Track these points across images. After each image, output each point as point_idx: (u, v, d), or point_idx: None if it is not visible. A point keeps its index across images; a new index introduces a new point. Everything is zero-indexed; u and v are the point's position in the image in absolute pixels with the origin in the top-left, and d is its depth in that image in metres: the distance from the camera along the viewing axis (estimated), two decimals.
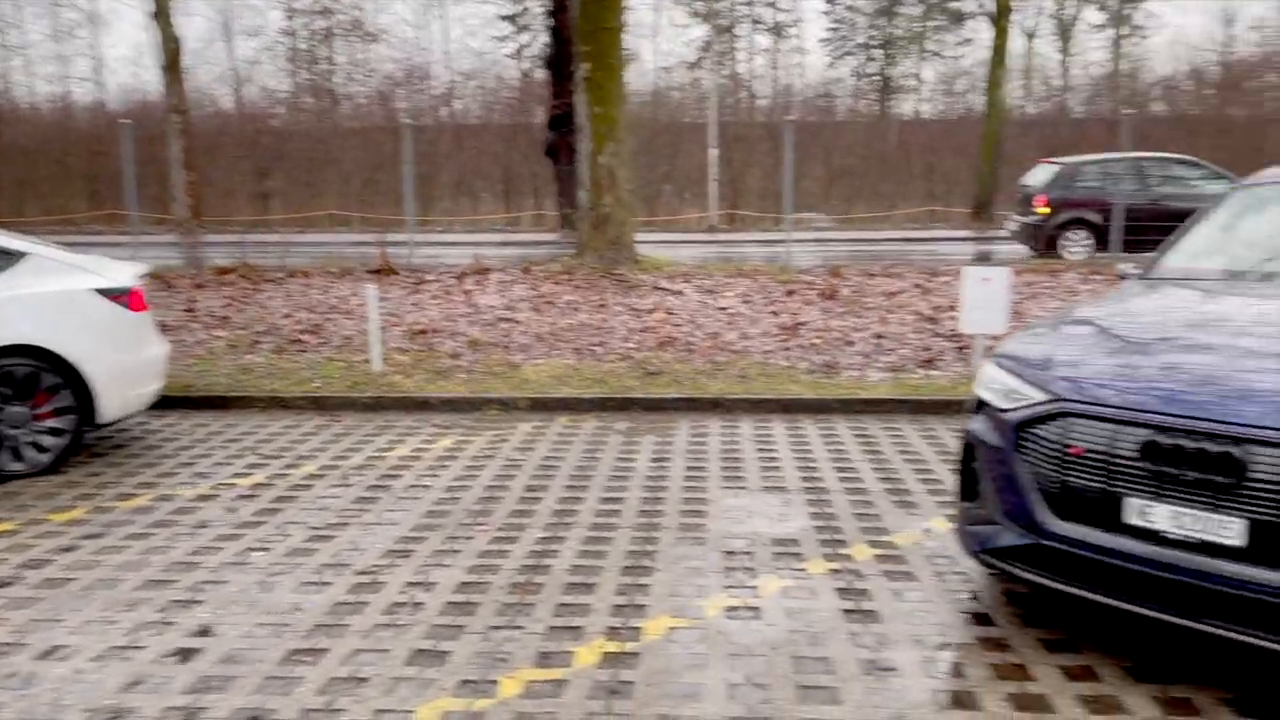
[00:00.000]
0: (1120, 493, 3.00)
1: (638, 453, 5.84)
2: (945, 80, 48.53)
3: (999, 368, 3.56)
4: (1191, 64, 39.85)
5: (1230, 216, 4.47)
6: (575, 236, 12.46)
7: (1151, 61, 45.60)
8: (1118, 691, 3.04)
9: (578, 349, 8.18)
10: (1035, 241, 15.42)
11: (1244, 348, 3.17)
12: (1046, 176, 15.78)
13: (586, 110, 11.79)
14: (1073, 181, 15.07)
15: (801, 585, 3.88)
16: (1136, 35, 47.76)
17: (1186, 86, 37.64)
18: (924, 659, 3.26)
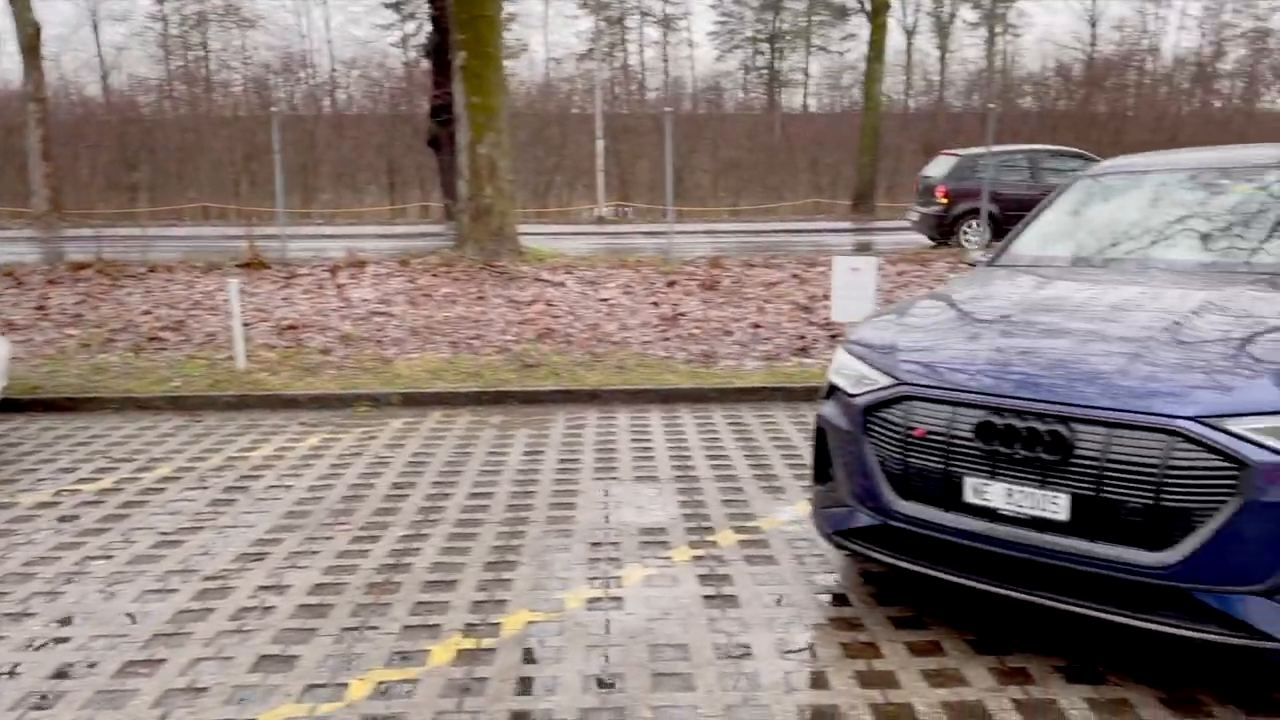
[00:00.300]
0: (959, 472, 3.09)
1: (511, 447, 5.78)
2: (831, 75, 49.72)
3: (848, 354, 3.63)
4: (1059, 61, 41.70)
5: (1072, 205, 4.67)
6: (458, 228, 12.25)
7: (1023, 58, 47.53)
8: (960, 664, 3.13)
9: (454, 342, 8.05)
10: (935, 231, 15.92)
11: (1076, 331, 3.31)
12: (945, 168, 16.29)
13: (464, 100, 11.60)
14: (971, 173, 15.55)
15: (664, 573, 3.90)
16: (1010, 33, 49.78)
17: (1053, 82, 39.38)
18: (778, 641, 3.30)
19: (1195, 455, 2.70)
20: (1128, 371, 2.93)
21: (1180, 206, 4.29)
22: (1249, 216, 4.04)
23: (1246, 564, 2.67)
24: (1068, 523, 2.88)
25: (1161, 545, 2.75)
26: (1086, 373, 2.99)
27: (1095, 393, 2.90)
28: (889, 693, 2.97)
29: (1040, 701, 2.91)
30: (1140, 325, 3.22)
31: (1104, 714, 2.83)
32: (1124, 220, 4.38)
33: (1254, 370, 2.83)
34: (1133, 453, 2.78)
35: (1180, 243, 4.09)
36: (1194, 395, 2.78)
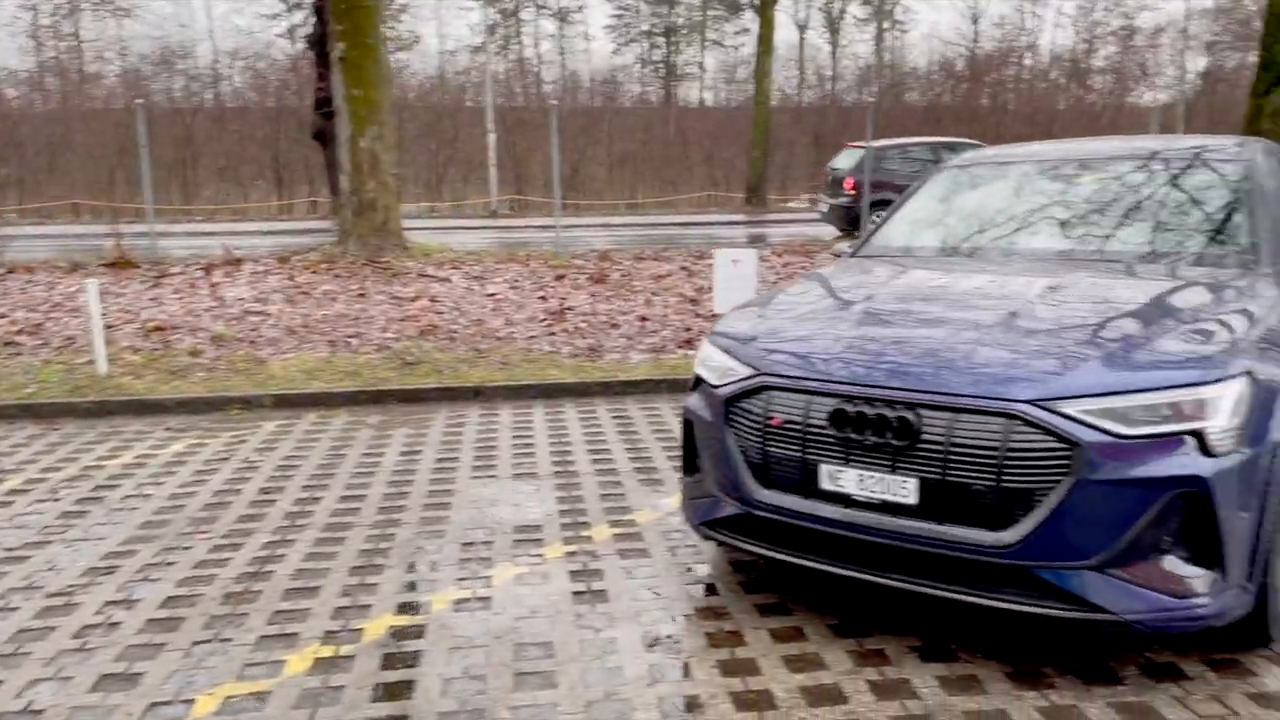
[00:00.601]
0: (815, 460, 3.13)
1: (388, 447, 5.65)
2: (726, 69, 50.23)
3: (713, 346, 3.65)
4: (944, 56, 42.98)
5: (932, 197, 4.79)
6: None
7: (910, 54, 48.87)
8: (820, 649, 3.18)
9: (332, 341, 7.84)
10: (844, 222, 16.21)
11: (924, 319, 3.40)
12: (853, 160, 16.60)
13: (344, 92, 11.30)
14: (877, 165, 15.82)
15: (535, 571, 3.86)
16: (897, 29, 51.11)
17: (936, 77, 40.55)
18: (644, 634, 3.30)
19: (1032, 437, 2.80)
20: (970, 358, 3.02)
21: (1033, 196, 4.44)
22: (1096, 206, 4.21)
23: (1080, 540, 2.77)
24: (916, 506, 2.95)
25: (1003, 525, 2.84)
26: (932, 360, 3.06)
27: (940, 379, 2.97)
28: (749, 680, 3.00)
29: (894, 681, 2.97)
30: (984, 313, 3.32)
31: (953, 691, 2.91)
32: (979, 210, 4.52)
33: (1086, 354, 2.94)
34: (975, 437, 2.86)
35: (1030, 231, 4.23)
36: (1030, 379, 2.87)
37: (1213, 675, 2.97)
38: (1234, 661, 3.04)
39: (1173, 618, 2.78)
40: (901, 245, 4.50)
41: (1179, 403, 2.78)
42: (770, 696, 2.90)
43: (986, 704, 2.84)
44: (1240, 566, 2.81)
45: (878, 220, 14.77)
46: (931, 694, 2.90)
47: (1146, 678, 2.97)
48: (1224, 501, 2.74)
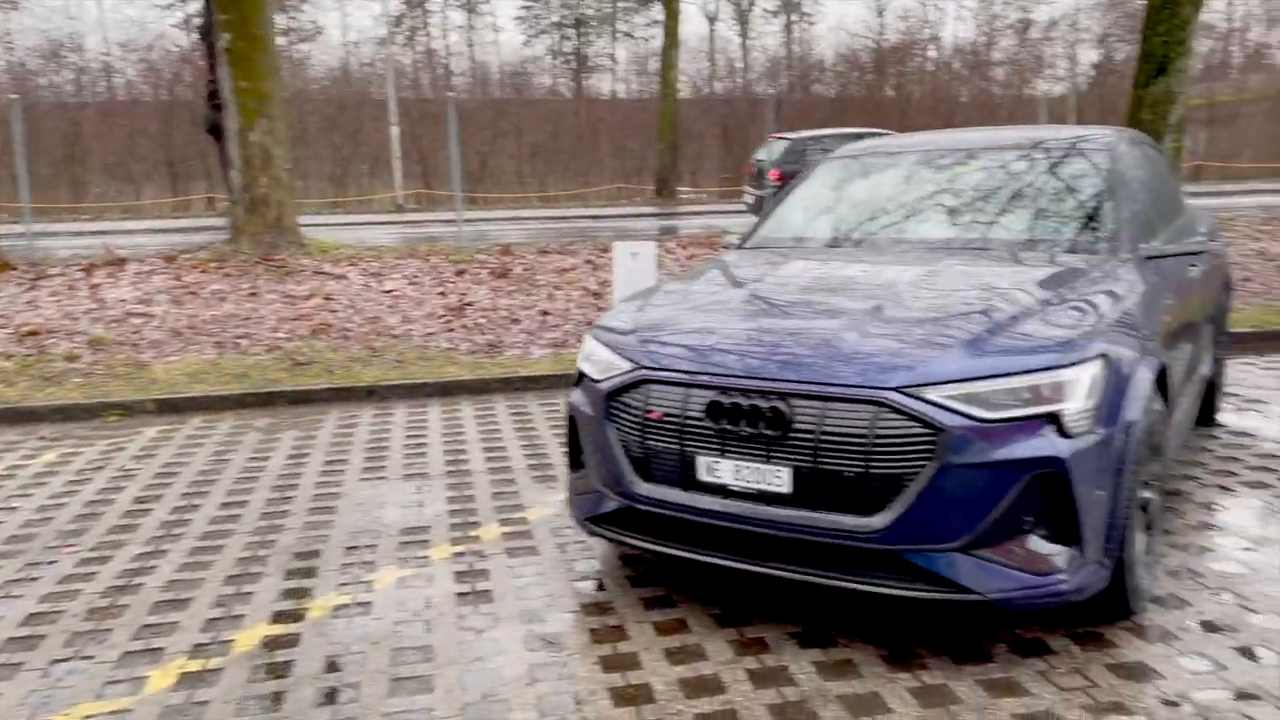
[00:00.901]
0: (693, 452, 3.14)
1: (274, 450, 5.49)
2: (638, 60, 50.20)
3: (594, 340, 3.63)
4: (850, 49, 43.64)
5: (818, 187, 4.85)
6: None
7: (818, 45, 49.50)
8: (702, 640, 3.19)
9: (220, 342, 7.58)
10: None
11: (799, 309, 3.43)
12: (778, 152, 16.69)
13: (231, 84, 10.93)
14: (802, 155, 15.91)
15: (420, 573, 3.78)
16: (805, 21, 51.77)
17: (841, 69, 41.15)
18: (527, 634, 3.26)
19: (897, 424, 2.84)
20: (839, 347, 3.05)
21: (912, 186, 4.52)
22: (971, 195, 4.31)
23: (945, 523, 2.83)
24: (790, 494, 2.98)
25: (872, 511, 2.88)
26: (804, 349, 3.09)
27: (811, 369, 3.00)
28: (630, 675, 2.99)
29: (773, 669, 3.00)
30: (855, 303, 3.36)
31: (829, 676, 2.95)
32: (860, 201, 4.59)
33: (950, 341, 3.00)
34: (844, 425, 2.89)
35: (908, 221, 4.31)
36: (895, 367, 2.92)
37: (1076, 649, 3.07)
38: (1097, 635, 3.14)
39: (1036, 595, 2.86)
40: (785, 236, 4.54)
41: (1037, 386, 2.86)
42: (649, 690, 2.90)
43: (861, 687, 2.88)
44: (1097, 543, 2.91)
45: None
46: (808, 680, 2.93)
47: (1015, 654, 3.05)
48: (1080, 481, 2.83)
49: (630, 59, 50.95)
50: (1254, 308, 8.71)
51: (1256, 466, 4.80)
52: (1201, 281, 4.64)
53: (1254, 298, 9.15)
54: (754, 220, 17.00)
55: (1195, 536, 3.94)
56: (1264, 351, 7.51)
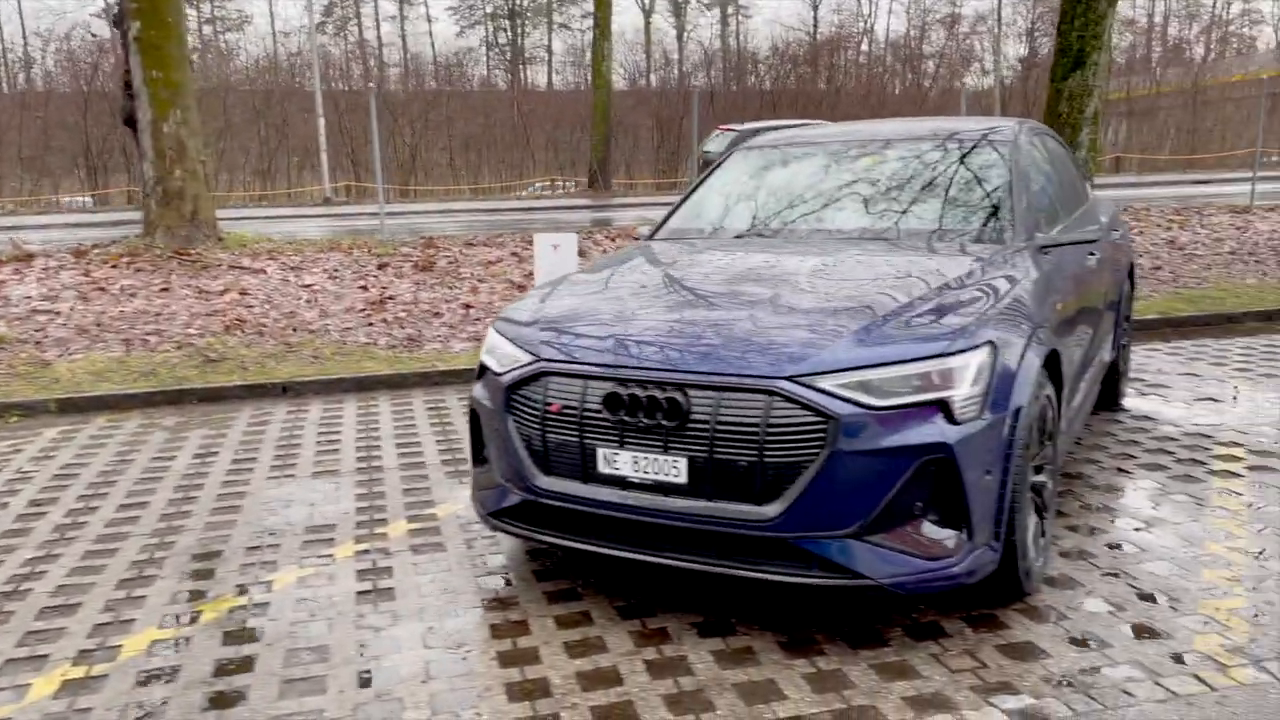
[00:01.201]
0: (592, 444, 3.12)
1: (180, 450, 5.34)
2: (574, 52, 50.02)
3: (496, 332, 3.59)
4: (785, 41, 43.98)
5: (728, 178, 4.85)
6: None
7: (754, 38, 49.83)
8: (603, 632, 3.18)
9: (128, 340, 7.35)
10: None
11: (698, 300, 3.43)
12: (725, 142, 16.69)
13: (143, 74, 10.61)
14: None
15: (321, 572, 3.71)
16: (741, 14, 52.07)
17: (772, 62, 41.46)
18: (426, 631, 3.22)
19: (790, 413, 2.86)
20: (735, 337, 3.06)
21: (818, 177, 4.56)
22: (874, 186, 4.36)
23: (838, 510, 2.86)
24: (687, 485, 2.98)
25: (768, 499, 2.89)
26: (701, 340, 3.09)
27: (706, 359, 3.01)
28: (528, 669, 2.96)
29: (671, 659, 3.00)
30: (754, 293, 3.37)
31: (727, 664, 2.96)
32: (766, 191, 4.61)
33: (842, 330, 3.03)
34: (739, 414, 2.90)
35: (811, 211, 4.34)
36: (790, 356, 2.94)
37: (970, 631, 3.12)
38: (991, 617, 3.21)
39: (928, 579, 2.90)
40: (693, 227, 4.54)
41: (926, 373, 2.90)
42: (546, 684, 2.88)
43: (758, 674, 2.90)
44: (987, 526, 2.96)
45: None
46: (706, 669, 2.94)
47: (910, 638, 3.09)
48: (968, 466, 2.87)
49: (566, 51, 50.79)
50: (1162, 295, 8.98)
51: (1154, 449, 4.94)
52: (1101, 270, 4.76)
53: (1162, 285, 9.43)
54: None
55: (1091, 518, 4.04)
56: (1169, 338, 7.75)
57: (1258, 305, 8.51)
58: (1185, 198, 19.70)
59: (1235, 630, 3.07)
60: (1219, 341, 7.52)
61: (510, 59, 50.46)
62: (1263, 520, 3.97)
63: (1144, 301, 8.71)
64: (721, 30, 51.09)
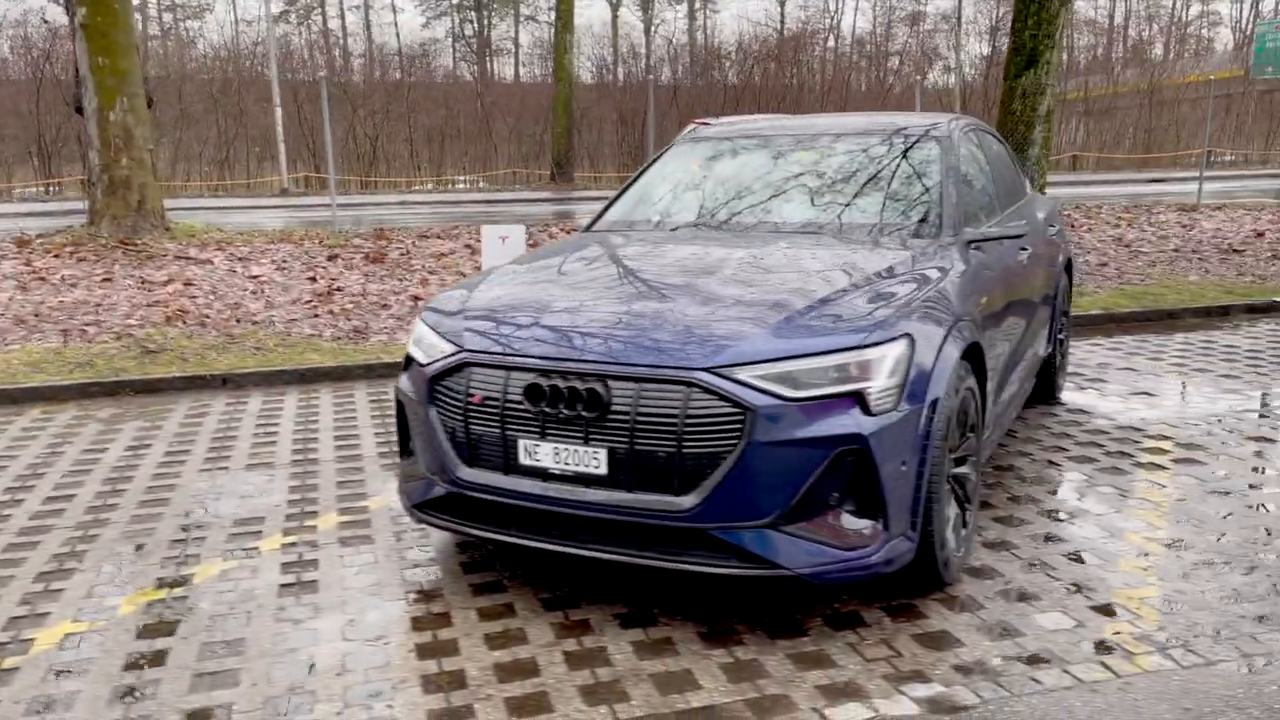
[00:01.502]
0: (514, 435, 3.11)
1: (113, 442, 5.25)
2: (541, 45, 49.82)
3: (423, 323, 3.56)
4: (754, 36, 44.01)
5: (667, 170, 4.85)
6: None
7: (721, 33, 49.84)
8: (525, 624, 3.17)
9: (66, 330, 7.23)
10: None
11: (623, 292, 3.43)
12: None
13: (89, 61, 10.42)
14: None
15: (245, 565, 3.67)
16: (709, 8, 52.09)
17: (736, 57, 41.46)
18: (346, 624, 3.19)
19: (708, 404, 2.86)
20: (657, 329, 3.07)
21: (753, 170, 4.57)
22: (807, 179, 4.38)
23: (755, 501, 2.87)
24: (607, 476, 2.98)
25: (686, 490, 2.90)
26: (623, 331, 3.09)
27: (627, 350, 3.01)
28: (445, 661, 2.95)
29: (591, 651, 3.00)
30: (677, 285, 3.38)
31: (646, 655, 2.97)
32: (701, 184, 4.61)
33: (762, 322, 3.04)
34: (658, 405, 2.90)
35: (744, 204, 4.36)
36: (708, 348, 2.95)
37: (888, 620, 3.16)
38: (910, 606, 3.24)
39: (844, 568, 2.93)
40: (628, 219, 4.54)
41: (842, 365, 2.92)
42: (463, 676, 2.87)
43: (675, 665, 2.91)
44: (903, 517, 2.99)
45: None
46: (625, 660, 2.94)
47: (829, 627, 3.12)
48: (884, 457, 2.90)
49: (533, 43, 50.57)
50: (1106, 291, 9.12)
51: (1085, 442, 5.02)
52: (1034, 265, 4.82)
53: (1107, 281, 9.58)
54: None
55: (1017, 509, 4.09)
56: (1112, 333, 7.87)
57: (1198, 301, 8.68)
58: (1137, 196, 20.04)
59: (1146, 619, 3.13)
60: (1159, 337, 7.65)
61: (477, 51, 50.17)
62: (1183, 512, 4.05)
63: (1089, 297, 8.84)
64: (689, 24, 51.12)
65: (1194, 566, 3.52)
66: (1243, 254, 11.18)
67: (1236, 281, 9.56)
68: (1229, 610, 3.18)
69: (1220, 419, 5.40)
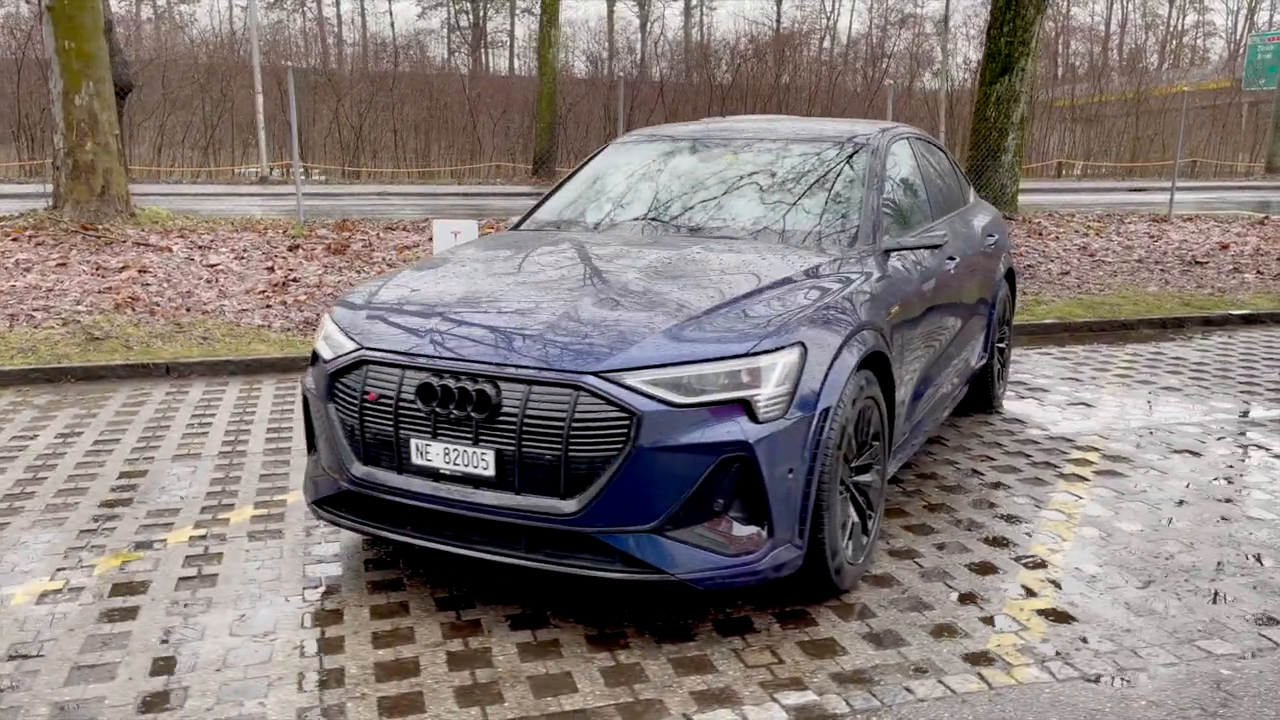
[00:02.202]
0: (407, 434, 3.11)
1: (44, 429, 5.23)
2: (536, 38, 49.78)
3: (329, 319, 3.56)
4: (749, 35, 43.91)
5: (599, 170, 4.85)
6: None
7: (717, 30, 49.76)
8: (417, 623, 3.17)
9: (13, 315, 7.19)
10: None
11: (530, 292, 3.43)
12: None
13: (54, 44, 10.36)
14: None
15: (149, 556, 3.66)
16: (705, 6, 52.05)
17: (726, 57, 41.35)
18: (237, 619, 3.19)
19: (595, 408, 2.87)
20: (550, 331, 3.07)
21: (677, 173, 4.57)
22: (731, 184, 4.38)
23: (640, 505, 2.88)
24: (494, 478, 2.98)
25: (572, 493, 2.90)
26: (517, 333, 3.09)
27: (518, 352, 3.01)
28: (328, 658, 2.95)
29: (475, 651, 3.00)
30: (580, 286, 3.39)
31: (530, 657, 2.97)
32: (629, 185, 4.61)
33: (654, 327, 3.05)
34: (546, 408, 2.91)
35: (662, 207, 4.37)
36: (598, 352, 2.95)
37: (777, 627, 3.17)
38: (802, 613, 3.25)
39: (728, 575, 2.93)
40: (553, 219, 4.54)
41: (730, 372, 2.92)
42: (342, 674, 2.87)
43: (556, 667, 2.91)
44: (789, 524, 3.00)
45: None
46: (507, 661, 2.94)
47: (717, 633, 3.12)
48: (769, 464, 2.91)
49: (529, 36, 50.44)
50: (1063, 300, 9.17)
51: (1014, 452, 5.05)
52: (966, 274, 4.84)
53: (1066, 291, 9.62)
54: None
55: (930, 517, 4.11)
56: (1064, 342, 7.91)
57: (1154, 313, 8.73)
58: (1116, 205, 20.11)
59: (1032, 631, 3.15)
60: (1110, 348, 7.69)
61: (472, 42, 50.05)
62: (1092, 524, 4.08)
63: (1045, 305, 8.88)
64: (685, 21, 51.11)
65: (1091, 580, 3.54)
66: (1205, 266, 11.25)
67: (1195, 294, 9.62)
68: (1116, 624, 3.20)
69: (1152, 431, 5.43)
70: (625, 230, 4.22)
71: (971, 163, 14.46)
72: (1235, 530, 4.03)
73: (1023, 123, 14.44)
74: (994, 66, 14.43)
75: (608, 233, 4.23)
